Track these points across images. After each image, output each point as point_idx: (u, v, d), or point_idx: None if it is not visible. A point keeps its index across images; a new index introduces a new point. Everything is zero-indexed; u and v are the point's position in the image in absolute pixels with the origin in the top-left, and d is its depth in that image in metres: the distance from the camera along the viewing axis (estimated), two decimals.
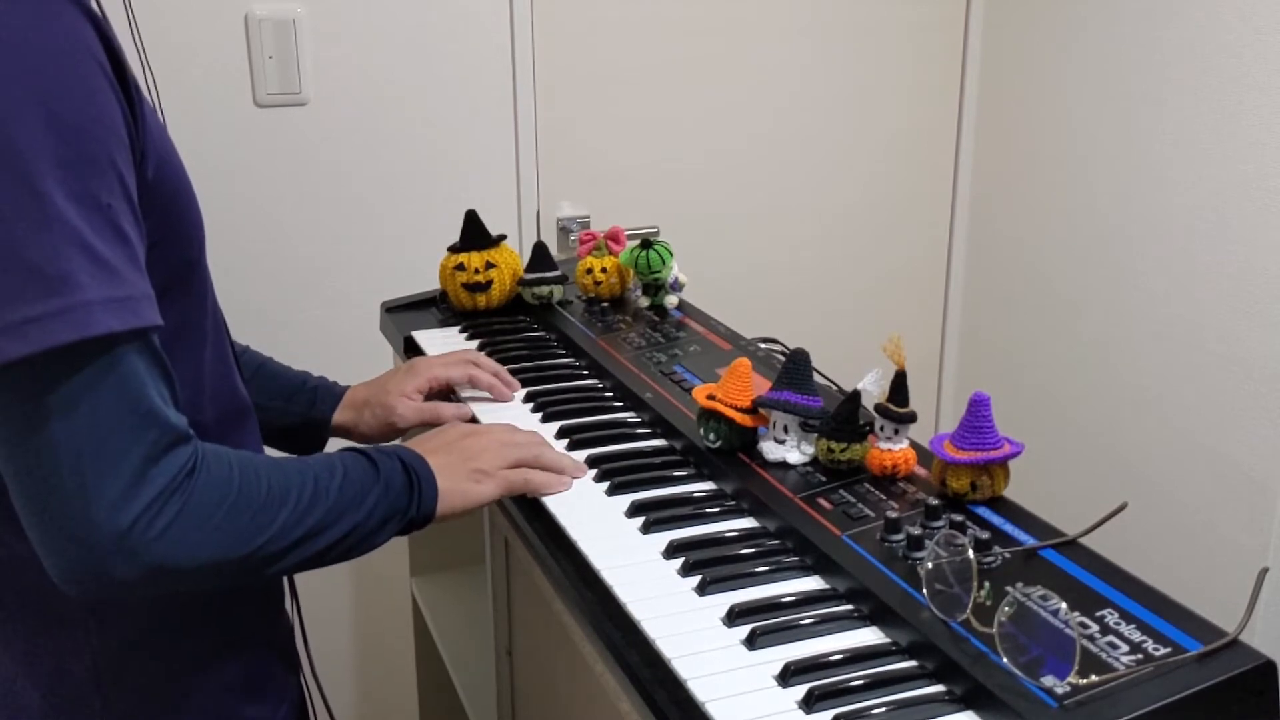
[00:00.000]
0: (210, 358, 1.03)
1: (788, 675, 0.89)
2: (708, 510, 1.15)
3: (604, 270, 1.64)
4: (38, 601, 0.98)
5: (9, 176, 0.80)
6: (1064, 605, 0.87)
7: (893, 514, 1.04)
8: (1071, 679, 0.83)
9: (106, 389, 0.84)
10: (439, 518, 1.09)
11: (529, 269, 1.65)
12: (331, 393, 1.38)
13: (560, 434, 1.29)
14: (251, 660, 1.08)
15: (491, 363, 1.41)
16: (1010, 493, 1.11)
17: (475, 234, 1.64)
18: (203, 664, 1.04)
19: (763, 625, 0.95)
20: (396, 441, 1.18)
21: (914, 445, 1.16)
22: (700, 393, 1.21)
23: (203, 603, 1.03)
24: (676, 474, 1.22)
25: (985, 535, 1.02)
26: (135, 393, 0.85)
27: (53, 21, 0.82)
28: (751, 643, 0.94)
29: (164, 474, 0.87)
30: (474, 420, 1.33)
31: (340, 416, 1.37)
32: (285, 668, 1.14)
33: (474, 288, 1.63)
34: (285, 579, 1.17)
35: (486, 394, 1.40)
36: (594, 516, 1.14)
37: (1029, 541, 1.02)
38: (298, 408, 1.36)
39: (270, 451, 1.12)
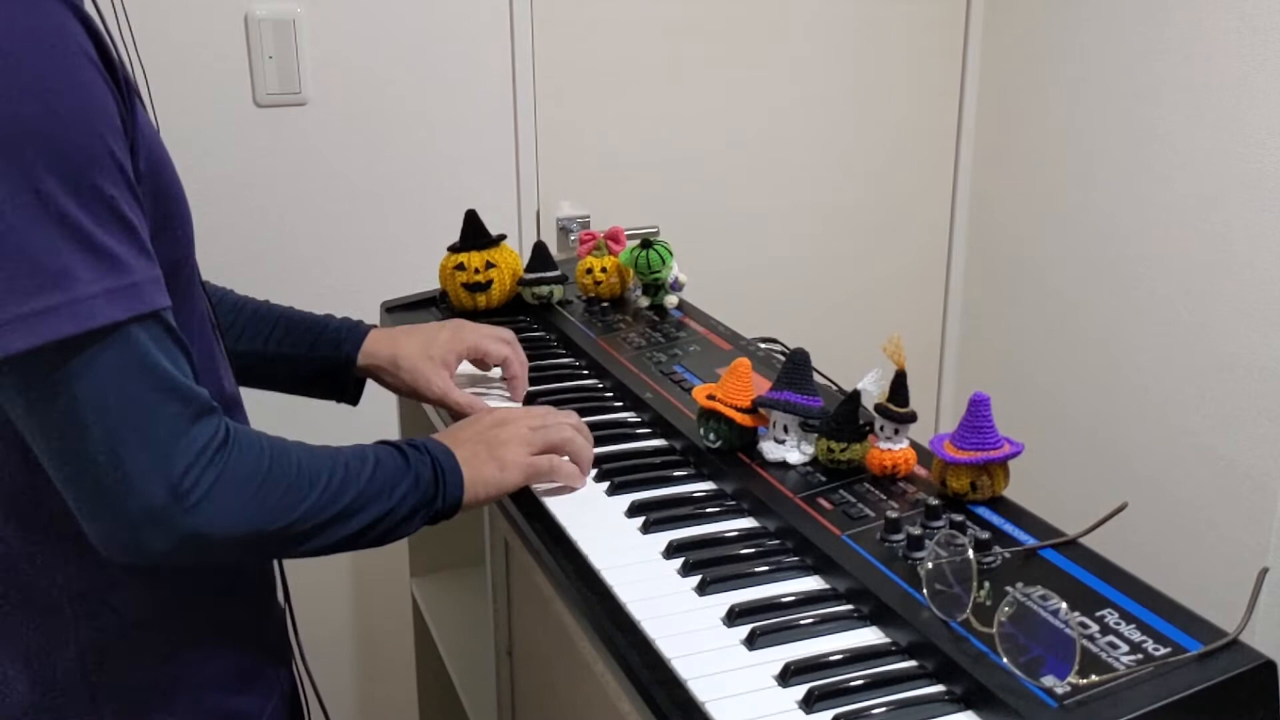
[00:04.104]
0: (197, 353, 1.03)
1: (788, 675, 0.89)
2: (708, 510, 1.15)
3: (604, 270, 1.64)
4: (23, 591, 0.98)
5: (6, 172, 0.81)
6: (1064, 605, 0.87)
7: (893, 514, 1.04)
8: (1071, 679, 0.83)
9: (124, 372, 0.86)
10: (465, 507, 1.11)
11: (529, 269, 1.65)
12: (355, 331, 1.38)
13: None
14: (241, 652, 1.08)
15: (524, 355, 1.42)
16: (1010, 493, 1.11)
17: (475, 234, 1.64)
18: (191, 656, 1.04)
19: (763, 625, 0.95)
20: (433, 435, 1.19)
21: (914, 445, 1.16)
22: (700, 393, 1.21)
23: (192, 595, 1.03)
24: (676, 474, 1.22)
25: (985, 535, 1.03)
26: (154, 371, 0.88)
27: (39, 17, 0.83)
28: (751, 643, 0.94)
29: (195, 443, 0.90)
30: None
31: (371, 360, 1.36)
32: (276, 660, 1.14)
33: (474, 288, 1.63)
34: (278, 571, 1.18)
35: (490, 391, 1.40)
36: (594, 516, 1.14)
37: (1029, 541, 1.02)
38: (322, 351, 1.36)
39: (301, 432, 1.13)
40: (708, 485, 1.20)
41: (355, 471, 1.02)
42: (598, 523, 1.13)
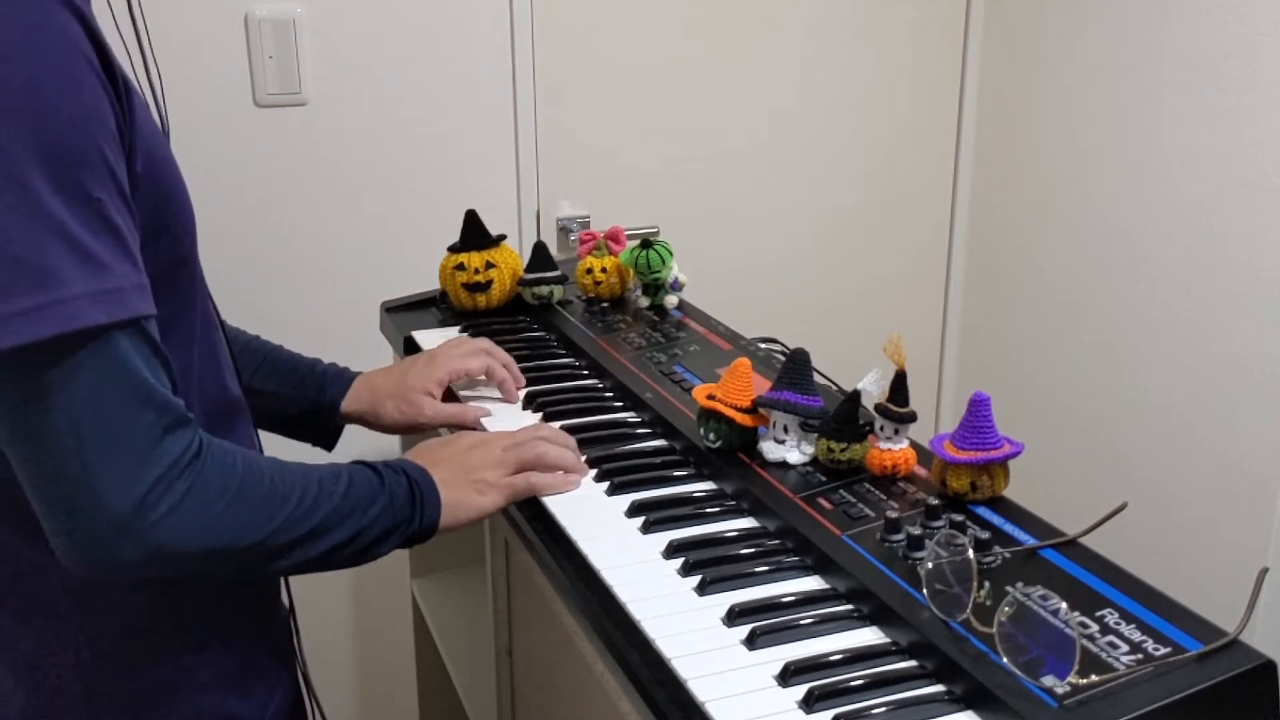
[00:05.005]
0: (199, 354, 1.03)
1: (788, 675, 0.89)
2: (708, 510, 1.15)
3: (604, 270, 1.64)
4: (20, 594, 0.98)
5: None
6: (1064, 605, 0.87)
7: (893, 514, 1.04)
8: (1071, 679, 0.83)
9: (101, 377, 0.85)
10: (442, 530, 1.10)
11: (529, 269, 1.65)
12: (341, 378, 1.38)
13: None
14: (243, 655, 1.08)
15: (504, 353, 1.42)
16: (1010, 493, 1.11)
17: (475, 234, 1.64)
18: (191, 659, 1.04)
19: (763, 625, 0.95)
20: (402, 455, 1.19)
21: (914, 445, 1.16)
22: (700, 393, 1.21)
23: (191, 598, 1.03)
24: (676, 474, 1.22)
25: (985, 535, 1.03)
26: (131, 378, 0.87)
27: (37, 17, 0.83)
28: (751, 643, 0.94)
29: (168, 455, 0.88)
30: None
31: (355, 405, 1.37)
32: (278, 663, 1.14)
33: (474, 288, 1.63)
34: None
35: (489, 393, 1.40)
36: (594, 516, 1.14)
37: (1029, 541, 1.02)
38: (307, 393, 1.36)
39: (283, 453, 1.12)
40: (708, 485, 1.20)
41: (328, 490, 1.01)
42: (598, 523, 1.13)
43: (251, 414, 1.33)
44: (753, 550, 1.07)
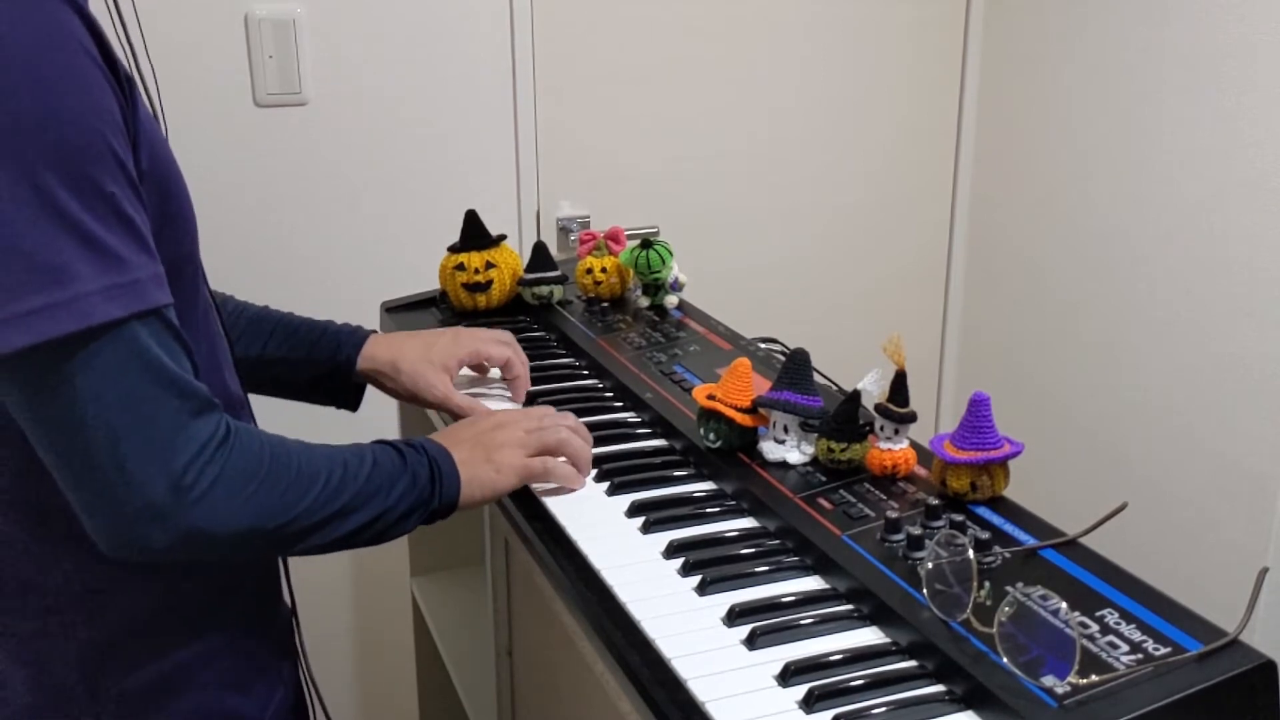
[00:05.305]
0: (201, 353, 1.04)
1: (788, 675, 0.89)
2: (708, 510, 1.15)
3: (604, 270, 1.64)
4: (24, 591, 0.98)
5: (7, 170, 0.81)
6: (1064, 605, 0.87)
7: (893, 514, 1.04)
8: (1071, 679, 0.83)
9: (124, 369, 0.86)
10: (461, 508, 1.12)
11: (529, 269, 1.65)
12: (356, 335, 1.38)
13: None
14: (245, 653, 1.09)
15: (523, 354, 1.42)
16: (1010, 493, 1.11)
17: (475, 234, 1.64)
18: (194, 656, 1.04)
19: (763, 625, 0.95)
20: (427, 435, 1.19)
21: (914, 445, 1.16)
22: (700, 393, 1.21)
23: (195, 595, 1.03)
24: (676, 474, 1.22)
25: (985, 535, 1.03)
26: (154, 367, 0.88)
27: (38, 14, 0.83)
28: (751, 643, 0.94)
29: (196, 439, 0.90)
30: None
31: (370, 363, 1.36)
32: (280, 660, 1.14)
33: (474, 288, 1.63)
34: (282, 572, 1.18)
35: (492, 391, 1.40)
36: (594, 516, 1.14)
37: (1029, 541, 1.02)
38: (321, 355, 1.36)
39: (301, 433, 1.13)
40: (708, 485, 1.20)
41: (353, 471, 1.03)
42: (598, 523, 1.13)
43: (271, 384, 1.35)
44: (753, 550, 1.07)
